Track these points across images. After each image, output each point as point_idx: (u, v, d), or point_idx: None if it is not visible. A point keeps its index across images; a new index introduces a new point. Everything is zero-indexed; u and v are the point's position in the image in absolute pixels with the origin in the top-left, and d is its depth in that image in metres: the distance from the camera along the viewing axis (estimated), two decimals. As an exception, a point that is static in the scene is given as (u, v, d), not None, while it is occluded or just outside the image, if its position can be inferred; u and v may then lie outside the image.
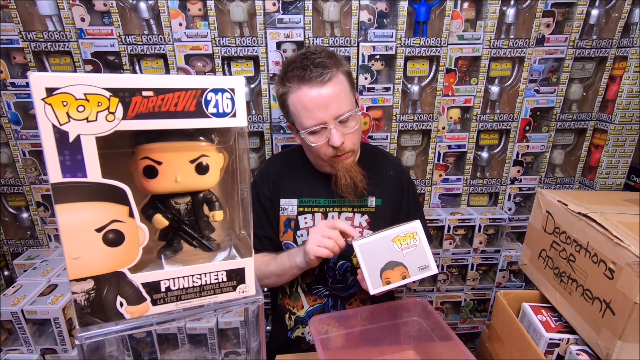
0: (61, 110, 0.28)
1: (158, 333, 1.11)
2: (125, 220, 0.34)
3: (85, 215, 0.32)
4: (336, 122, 0.83)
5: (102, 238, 0.34)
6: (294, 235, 0.96)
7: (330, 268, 0.97)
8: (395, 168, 1.03)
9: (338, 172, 0.89)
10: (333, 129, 0.83)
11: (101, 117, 0.30)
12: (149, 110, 0.31)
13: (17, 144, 1.23)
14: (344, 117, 0.84)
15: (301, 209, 0.96)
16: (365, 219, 0.96)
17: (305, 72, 0.81)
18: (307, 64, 0.82)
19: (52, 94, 0.27)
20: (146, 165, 0.36)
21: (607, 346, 0.64)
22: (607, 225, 0.67)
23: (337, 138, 0.83)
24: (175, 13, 1.13)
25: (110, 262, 0.34)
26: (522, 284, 1.41)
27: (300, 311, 0.99)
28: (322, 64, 0.82)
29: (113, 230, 0.34)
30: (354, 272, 0.97)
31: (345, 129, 0.85)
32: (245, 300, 0.48)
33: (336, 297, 0.98)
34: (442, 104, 1.27)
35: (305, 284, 0.99)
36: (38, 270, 1.18)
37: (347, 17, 1.19)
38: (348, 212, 0.96)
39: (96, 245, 0.33)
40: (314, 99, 0.82)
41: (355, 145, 0.89)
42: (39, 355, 1.05)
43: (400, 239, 0.70)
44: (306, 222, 0.96)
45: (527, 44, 1.21)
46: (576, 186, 1.40)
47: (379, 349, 0.88)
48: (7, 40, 1.14)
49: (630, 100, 1.22)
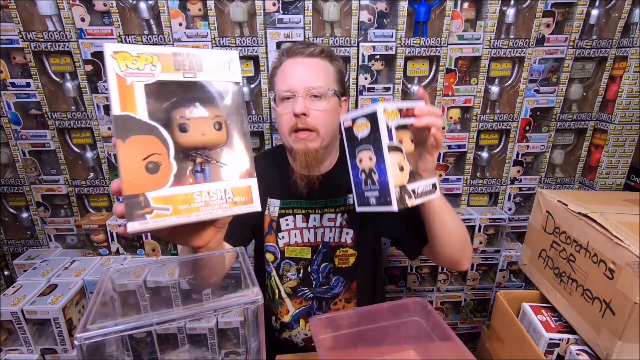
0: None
1: (158, 333, 1.11)
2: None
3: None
4: (306, 93, 0.84)
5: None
6: (276, 237, 0.96)
7: (314, 270, 0.97)
8: None
9: (296, 153, 0.87)
10: (300, 97, 0.83)
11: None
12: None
13: (17, 144, 1.23)
14: (315, 92, 0.84)
15: (282, 211, 0.95)
16: (345, 217, 0.95)
17: (295, 47, 0.88)
18: (299, 43, 0.90)
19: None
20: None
21: (607, 346, 0.64)
22: (607, 225, 0.67)
23: (300, 105, 0.83)
24: (175, 13, 1.13)
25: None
26: (522, 284, 1.41)
27: (286, 316, 0.99)
28: (314, 45, 0.88)
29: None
30: (336, 273, 0.97)
31: (313, 104, 0.85)
32: (245, 300, 0.48)
33: (320, 300, 0.98)
34: (442, 104, 1.27)
35: (289, 288, 0.98)
36: (38, 270, 1.18)
37: (347, 17, 1.19)
38: (330, 213, 0.95)
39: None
40: (293, 67, 0.86)
41: (320, 126, 0.85)
42: (39, 355, 1.05)
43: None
44: (287, 224, 0.96)
45: (527, 44, 1.21)
46: (576, 186, 1.40)
47: (379, 349, 0.88)
48: (7, 40, 1.14)
49: (630, 100, 1.22)
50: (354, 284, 0.98)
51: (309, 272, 0.97)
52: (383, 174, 0.59)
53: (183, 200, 0.45)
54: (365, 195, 0.64)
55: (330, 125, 0.88)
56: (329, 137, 0.89)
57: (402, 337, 0.88)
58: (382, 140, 0.58)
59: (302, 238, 0.96)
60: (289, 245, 0.96)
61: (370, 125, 0.59)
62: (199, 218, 0.46)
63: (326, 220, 0.95)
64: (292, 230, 0.96)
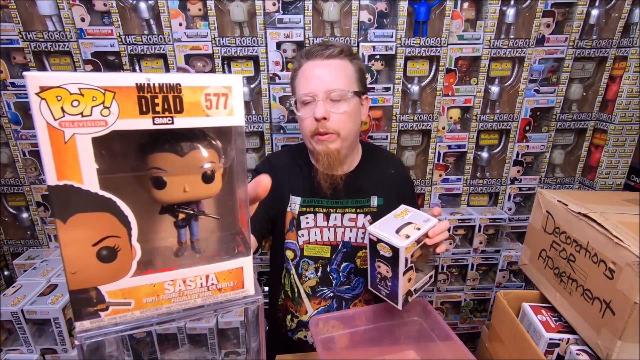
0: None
1: (158, 333, 1.11)
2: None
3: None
4: (326, 97, 0.84)
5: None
6: (297, 234, 0.96)
7: (334, 270, 0.97)
8: (396, 166, 1.03)
9: (318, 155, 0.89)
10: (320, 101, 0.84)
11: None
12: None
13: (17, 144, 1.23)
14: (335, 95, 0.84)
15: (303, 209, 0.96)
16: (368, 219, 0.96)
17: (314, 49, 0.87)
18: (318, 45, 0.89)
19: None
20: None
21: (607, 346, 0.64)
22: (607, 225, 0.67)
23: (320, 109, 0.83)
24: (175, 13, 1.13)
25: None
26: (522, 284, 1.41)
27: (304, 316, 0.99)
28: (333, 46, 0.87)
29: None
30: (357, 274, 0.97)
31: (334, 107, 0.85)
32: (245, 300, 0.48)
33: (340, 299, 0.98)
34: (442, 104, 1.27)
35: (309, 287, 0.98)
36: (38, 270, 1.18)
37: (347, 17, 1.19)
38: (351, 213, 0.96)
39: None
40: (312, 69, 0.86)
41: (341, 129, 0.87)
42: (39, 355, 1.05)
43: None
44: (307, 222, 0.96)
45: (527, 44, 1.21)
46: (576, 186, 1.40)
47: (379, 349, 0.88)
48: (7, 40, 1.14)
49: (630, 100, 1.22)
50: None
51: (327, 272, 0.97)
52: (395, 286, 0.73)
53: (150, 292, 0.35)
54: (377, 287, 0.77)
55: (351, 127, 0.89)
56: (351, 138, 0.91)
57: (402, 337, 0.88)
58: (399, 269, 0.70)
59: (322, 236, 0.96)
60: (309, 243, 0.96)
61: (392, 253, 0.70)
62: (170, 310, 0.38)
63: (347, 220, 0.96)
64: (313, 229, 0.96)
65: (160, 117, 0.32)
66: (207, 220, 0.42)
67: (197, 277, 0.38)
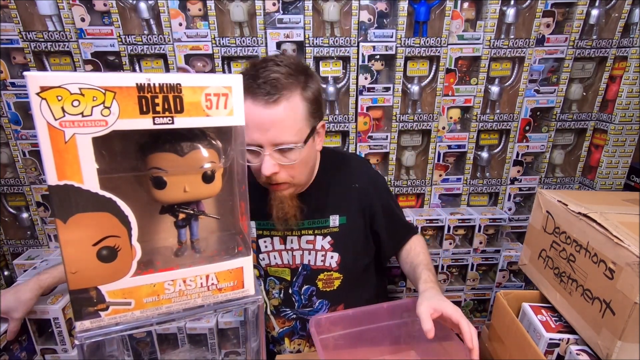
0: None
1: (158, 333, 1.11)
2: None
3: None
4: (273, 149, 0.73)
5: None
6: (257, 258, 0.93)
7: (295, 292, 0.94)
8: (361, 179, 0.92)
9: (271, 201, 0.82)
10: (266, 156, 0.73)
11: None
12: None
13: (17, 144, 1.23)
14: (283, 147, 0.74)
15: (260, 232, 0.90)
16: (328, 240, 0.90)
17: (254, 84, 0.72)
18: (261, 74, 0.73)
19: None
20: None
21: (607, 346, 0.64)
22: (607, 225, 0.67)
23: (267, 166, 0.73)
24: (175, 13, 1.13)
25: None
26: (522, 284, 1.41)
27: (273, 331, 0.99)
28: (277, 81, 0.72)
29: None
30: (320, 296, 0.94)
31: (283, 159, 0.75)
32: (245, 300, 0.48)
33: (303, 321, 0.96)
34: (442, 104, 1.27)
35: (272, 306, 0.96)
36: (38, 270, 1.18)
37: (347, 17, 1.19)
38: (308, 235, 0.90)
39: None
40: (254, 117, 0.72)
41: (294, 178, 0.79)
42: (39, 355, 1.05)
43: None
44: (266, 246, 0.92)
45: (527, 44, 1.21)
46: (576, 186, 1.40)
47: (379, 349, 0.88)
48: (7, 40, 1.13)
49: (630, 100, 1.22)
50: (340, 306, 0.96)
51: (290, 294, 0.94)
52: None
53: (150, 292, 0.36)
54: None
55: (304, 169, 0.82)
56: (306, 178, 0.85)
57: (402, 337, 0.88)
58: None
59: (281, 260, 0.93)
60: (270, 266, 0.94)
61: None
62: (170, 310, 0.38)
63: (304, 242, 0.90)
64: (271, 252, 0.93)
65: (161, 117, 0.32)
66: (207, 220, 0.42)
67: (197, 277, 0.38)
